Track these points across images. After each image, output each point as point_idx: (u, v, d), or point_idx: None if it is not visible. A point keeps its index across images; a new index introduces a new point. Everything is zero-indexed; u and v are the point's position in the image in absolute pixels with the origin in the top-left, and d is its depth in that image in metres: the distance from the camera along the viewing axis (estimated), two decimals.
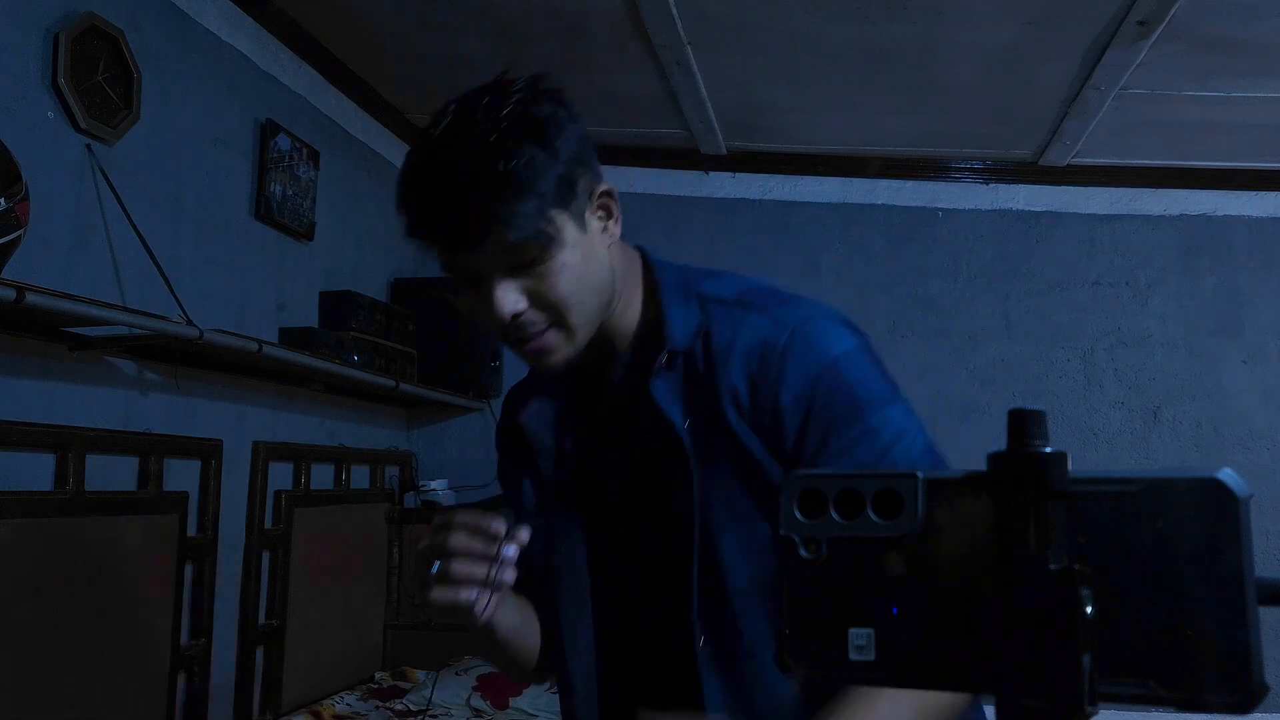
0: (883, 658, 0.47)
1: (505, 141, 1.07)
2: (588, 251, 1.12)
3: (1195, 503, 0.43)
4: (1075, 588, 0.42)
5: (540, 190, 1.06)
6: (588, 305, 1.12)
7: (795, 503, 0.49)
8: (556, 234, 1.08)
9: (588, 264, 1.11)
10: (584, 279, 1.11)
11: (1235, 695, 0.41)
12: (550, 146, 1.08)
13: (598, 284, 1.13)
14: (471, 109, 1.13)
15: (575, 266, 1.10)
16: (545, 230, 1.07)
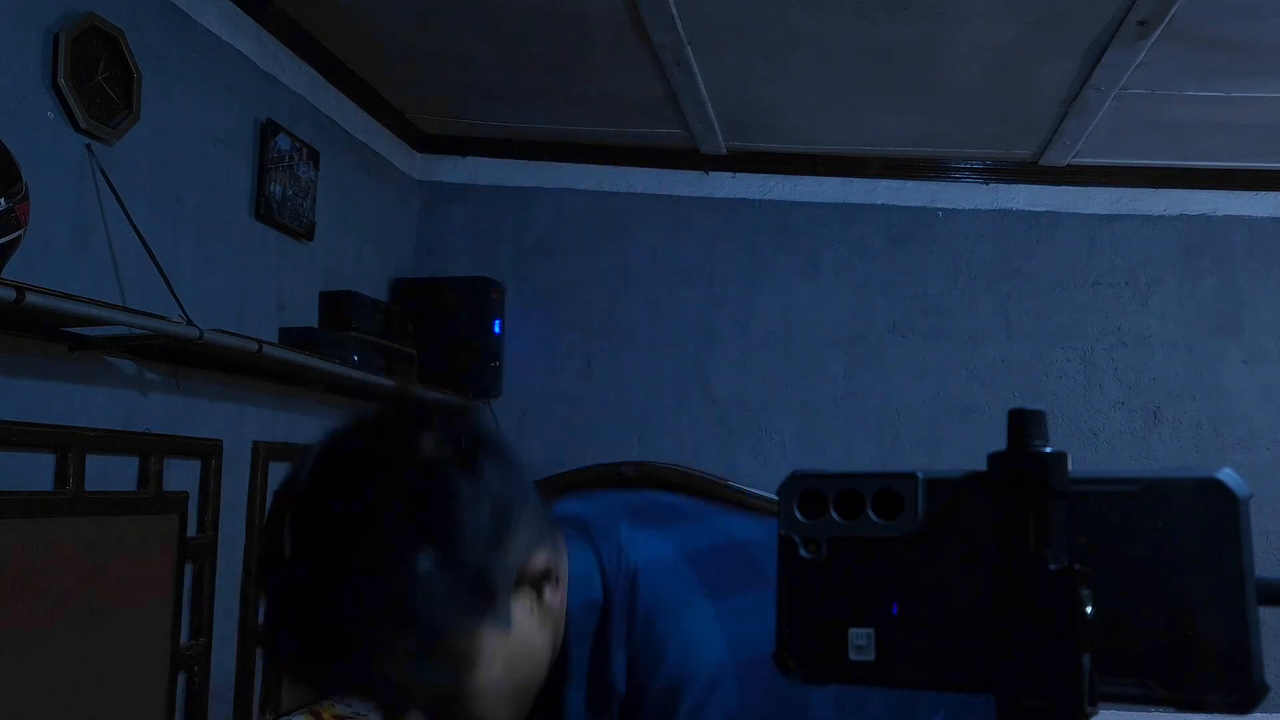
0: (883, 658, 0.47)
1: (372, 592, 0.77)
2: (514, 655, 0.85)
3: (1195, 503, 0.43)
4: (1075, 588, 0.42)
5: (432, 633, 0.79)
6: (512, 709, 0.88)
7: (795, 503, 0.49)
8: (465, 654, 0.82)
9: (514, 669, 0.86)
10: (505, 688, 0.86)
11: (1235, 695, 0.41)
12: (447, 553, 0.79)
13: (528, 681, 0.88)
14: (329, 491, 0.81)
15: (495, 682, 0.84)
16: (442, 663, 0.81)
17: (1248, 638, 0.42)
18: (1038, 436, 0.45)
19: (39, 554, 1.97)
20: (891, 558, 0.48)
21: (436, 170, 3.91)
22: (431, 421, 0.84)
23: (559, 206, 3.90)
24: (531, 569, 0.86)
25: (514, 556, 0.84)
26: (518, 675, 0.86)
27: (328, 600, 0.77)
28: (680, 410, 3.80)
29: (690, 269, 3.86)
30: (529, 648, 0.87)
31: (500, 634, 0.83)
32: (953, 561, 0.46)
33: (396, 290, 3.69)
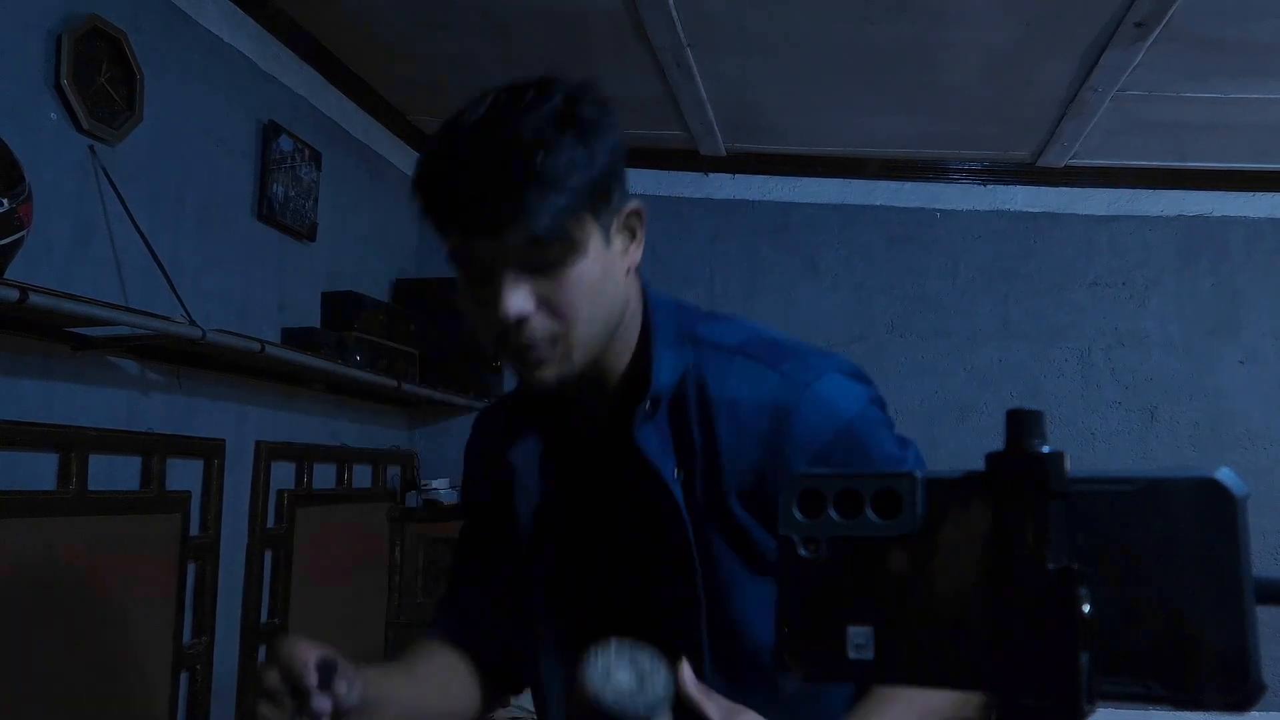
0: (882, 657, 0.47)
1: (546, 133, 0.99)
2: (607, 268, 1.05)
3: (1193, 503, 0.43)
4: (1074, 587, 0.43)
5: (574, 189, 0.99)
6: (595, 324, 1.05)
7: (795, 502, 0.50)
8: (582, 240, 1.01)
9: (605, 281, 1.04)
10: (598, 295, 1.04)
11: (1233, 694, 0.42)
12: (590, 149, 1.01)
13: (609, 304, 1.06)
14: (514, 98, 1.03)
15: (592, 280, 1.03)
16: (571, 233, 1.00)
17: (1246, 637, 0.42)
18: (1036, 436, 0.45)
19: (41, 554, 1.98)
20: (890, 557, 0.48)
21: None
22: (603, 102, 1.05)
23: None
24: (629, 210, 1.07)
25: (621, 193, 1.06)
26: (605, 290, 1.04)
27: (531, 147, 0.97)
28: None
29: (690, 269, 3.86)
30: (616, 276, 1.06)
31: (605, 243, 1.04)
32: (951, 561, 0.47)
33: (398, 290, 3.69)
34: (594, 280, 1.03)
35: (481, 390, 3.70)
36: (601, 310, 1.05)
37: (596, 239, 1.03)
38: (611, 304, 1.07)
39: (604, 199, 1.03)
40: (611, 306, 1.07)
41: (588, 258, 1.02)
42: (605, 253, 1.05)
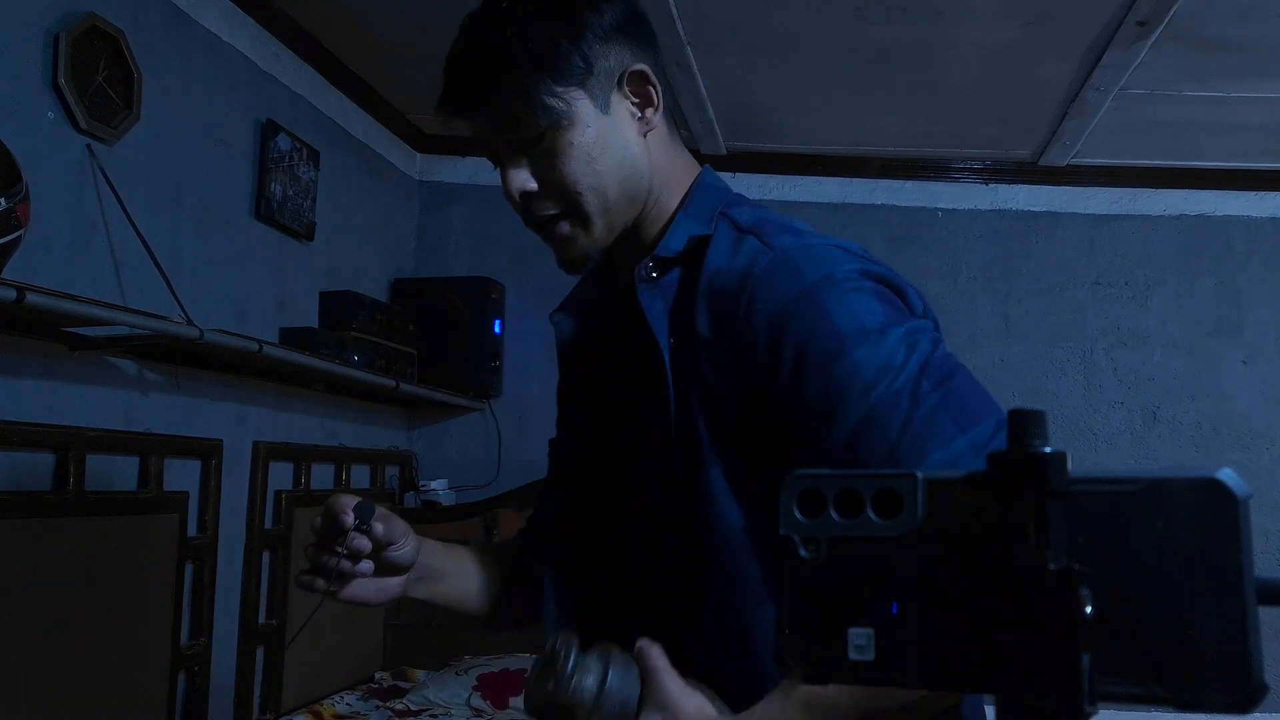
0: (883, 658, 0.47)
1: (517, 12, 1.05)
2: (607, 134, 1.05)
3: (1195, 502, 0.43)
4: (1075, 588, 0.43)
5: (543, 63, 1.02)
6: (604, 191, 1.05)
7: (795, 502, 0.49)
8: (565, 110, 1.02)
9: (606, 148, 1.04)
10: (597, 162, 1.04)
11: (1235, 695, 0.41)
12: (571, 19, 1.03)
13: (619, 170, 1.05)
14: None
15: (587, 147, 1.03)
16: (549, 105, 1.02)
17: (1247, 637, 0.42)
18: (1037, 436, 0.45)
19: (39, 554, 1.97)
20: (891, 557, 0.48)
21: (436, 170, 3.92)
22: None
23: None
24: (630, 75, 1.06)
25: (621, 58, 1.06)
26: (608, 155, 1.04)
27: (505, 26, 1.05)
28: None
29: None
30: (622, 141, 1.06)
31: (598, 112, 1.04)
32: (952, 561, 0.46)
33: (397, 290, 3.69)
34: (590, 148, 1.04)
35: (480, 390, 3.70)
36: (607, 178, 1.05)
37: (587, 107, 1.04)
38: (621, 170, 1.06)
39: (587, 67, 1.03)
40: (623, 173, 1.06)
41: (577, 127, 1.03)
42: (603, 119, 1.05)
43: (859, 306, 0.96)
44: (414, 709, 2.98)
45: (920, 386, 0.91)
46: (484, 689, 3.02)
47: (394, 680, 3.30)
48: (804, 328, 0.95)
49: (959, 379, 0.94)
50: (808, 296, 0.96)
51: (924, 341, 0.96)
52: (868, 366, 0.92)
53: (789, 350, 0.95)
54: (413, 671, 3.33)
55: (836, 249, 1.01)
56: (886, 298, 0.99)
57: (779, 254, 0.99)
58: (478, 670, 3.10)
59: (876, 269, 1.01)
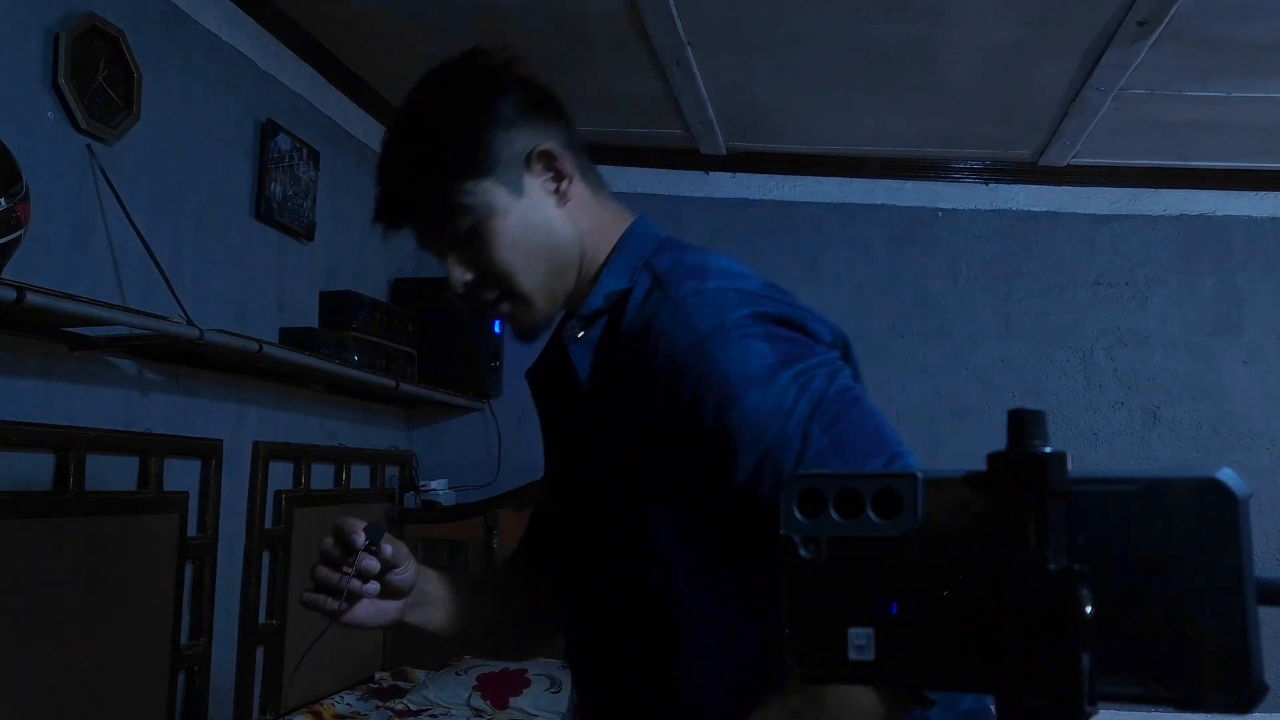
0: (883, 658, 0.47)
1: (422, 121, 1.11)
2: (527, 215, 1.10)
3: (1195, 503, 0.43)
4: (1075, 588, 0.43)
5: (452, 166, 1.08)
6: (534, 270, 1.11)
7: (795, 502, 0.49)
8: (481, 203, 1.08)
9: (528, 228, 1.10)
10: (522, 244, 1.10)
11: (1235, 695, 0.41)
12: (471, 119, 1.09)
13: (545, 246, 1.11)
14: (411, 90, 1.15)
15: (510, 233, 1.09)
16: (466, 203, 1.08)
17: (1248, 637, 0.42)
18: (1037, 436, 0.45)
19: (39, 554, 1.97)
20: (891, 557, 0.48)
21: None
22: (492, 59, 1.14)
23: None
24: (537, 152, 1.11)
25: (521, 143, 1.10)
26: (532, 235, 1.10)
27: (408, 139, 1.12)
28: None
29: None
30: (543, 218, 1.11)
31: (515, 196, 1.10)
32: (952, 561, 0.46)
33: (397, 290, 3.69)
34: (513, 233, 1.10)
35: (480, 390, 3.70)
36: (536, 256, 1.11)
37: (501, 195, 1.09)
38: (547, 246, 1.12)
39: (488, 158, 1.09)
40: (549, 248, 1.12)
41: (498, 216, 1.09)
42: (520, 202, 1.10)
43: (748, 353, 0.98)
44: (414, 709, 2.98)
45: (810, 429, 0.94)
46: (484, 689, 3.02)
47: (394, 680, 3.30)
48: (698, 378, 0.98)
49: (851, 417, 0.96)
50: (700, 347, 0.99)
51: (818, 379, 0.97)
52: (759, 412, 0.96)
53: (688, 400, 0.99)
54: (413, 671, 3.33)
55: (732, 293, 1.04)
56: (779, 338, 1.01)
57: (675, 305, 1.03)
58: (478, 670, 3.10)
59: (772, 308, 1.03)
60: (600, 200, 1.18)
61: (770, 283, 1.10)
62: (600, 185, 1.20)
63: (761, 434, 0.95)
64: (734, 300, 1.03)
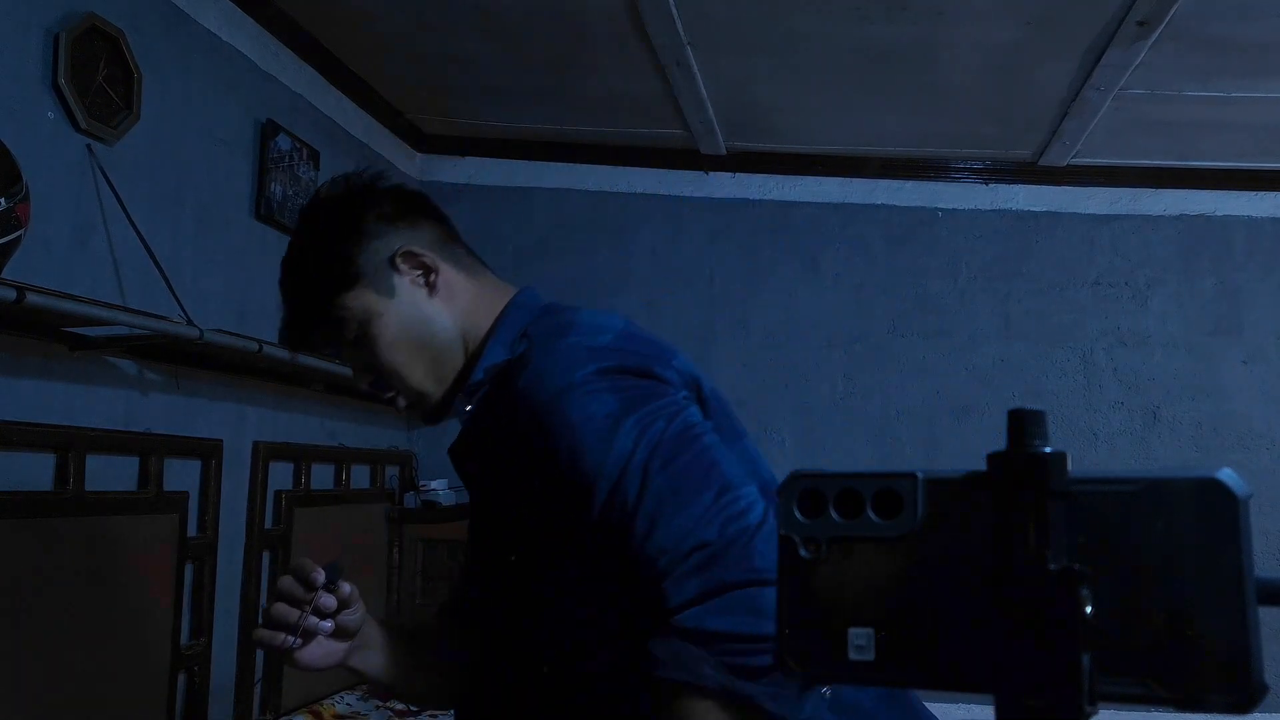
0: (883, 658, 0.47)
1: (291, 252, 1.28)
2: (401, 313, 1.20)
3: (1195, 503, 0.43)
4: (1075, 588, 0.43)
5: (325, 285, 1.21)
6: (414, 365, 1.20)
7: (795, 503, 0.49)
8: (357, 311, 1.20)
9: (403, 326, 1.20)
10: (402, 340, 1.20)
11: (1235, 695, 0.41)
12: (327, 241, 1.23)
13: (424, 338, 1.20)
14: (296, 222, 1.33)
15: (387, 332, 1.19)
16: (343, 316, 1.20)
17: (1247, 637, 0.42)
18: (1037, 436, 0.45)
19: (39, 554, 1.97)
20: (891, 558, 0.48)
21: (436, 170, 3.92)
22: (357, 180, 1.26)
23: (559, 206, 3.90)
24: (397, 255, 1.21)
25: (385, 249, 1.21)
26: (414, 334, 1.20)
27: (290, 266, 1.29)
28: None
29: (690, 269, 3.86)
30: (417, 313, 1.21)
31: (387, 298, 1.20)
32: (952, 561, 0.46)
33: None
34: (389, 334, 1.20)
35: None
36: (415, 351, 1.20)
37: (371, 300, 1.20)
38: (426, 336, 1.21)
39: (351, 270, 1.20)
40: (426, 341, 1.21)
41: (374, 320, 1.20)
42: (394, 303, 1.20)
43: (593, 407, 1.07)
44: (414, 709, 2.98)
45: (649, 469, 1.03)
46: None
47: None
48: (552, 434, 1.07)
49: (684, 457, 1.04)
50: (552, 405, 1.08)
51: (657, 423, 1.06)
52: (604, 459, 1.04)
53: (547, 454, 1.08)
54: None
55: (583, 350, 1.11)
56: (622, 389, 1.09)
57: (532, 371, 1.11)
58: None
59: (616, 361, 1.11)
60: (478, 281, 1.26)
61: (626, 331, 1.17)
62: (478, 268, 1.29)
63: (609, 478, 1.03)
64: (583, 357, 1.10)
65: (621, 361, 1.11)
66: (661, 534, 0.99)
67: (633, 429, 1.05)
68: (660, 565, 0.99)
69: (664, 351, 1.16)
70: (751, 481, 1.04)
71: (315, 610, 1.18)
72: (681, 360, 1.18)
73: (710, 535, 0.98)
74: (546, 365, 1.11)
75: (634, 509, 1.01)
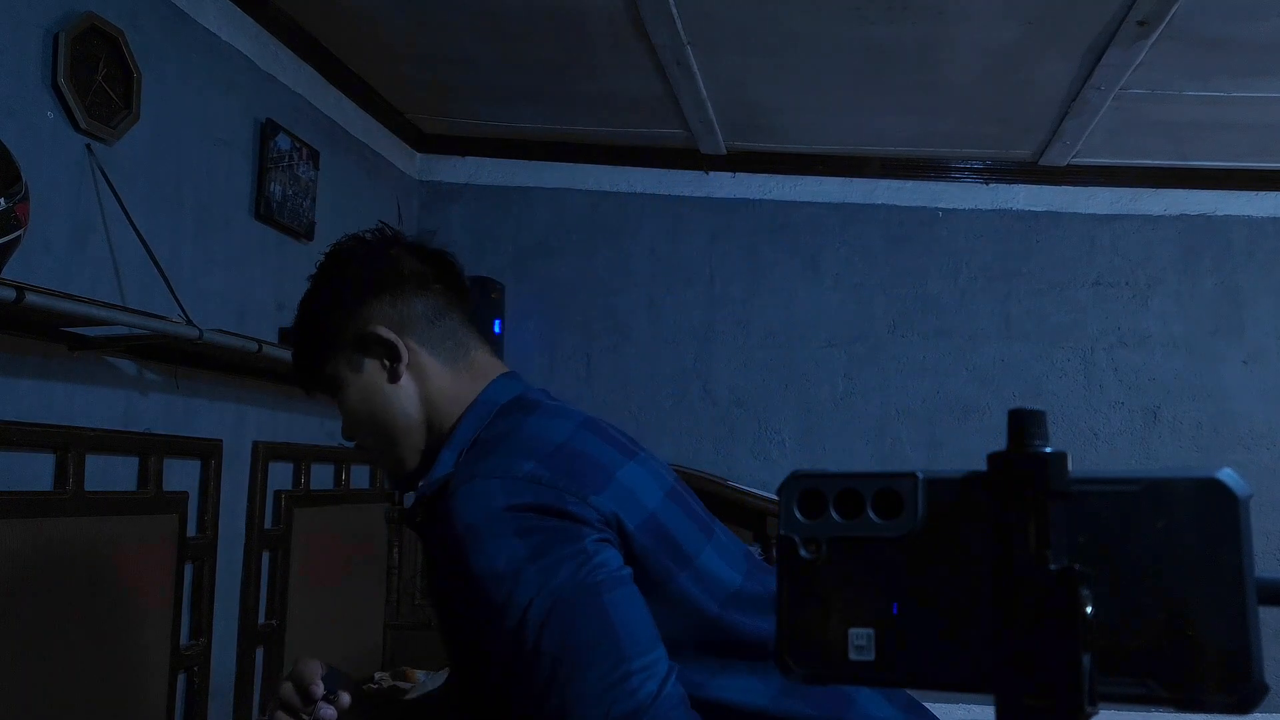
0: (883, 658, 0.47)
1: (297, 311, 1.30)
2: (366, 392, 1.23)
3: (1195, 503, 0.43)
4: (1075, 588, 0.42)
5: (305, 347, 1.26)
6: (380, 436, 1.23)
7: (795, 503, 0.49)
8: (331, 378, 1.25)
9: (368, 403, 1.23)
10: (362, 414, 1.23)
11: (1235, 695, 0.41)
12: (314, 302, 1.27)
13: (381, 419, 1.23)
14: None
15: (350, 403, 1.24)
16: (319, 380, 1.26)
17: (1248, 637, 0.42)
18: (1038, 436, 0.45)
19: (39, 554, 1.97)
20: (891, 558, 0.48)
21: (436, 170, 3.92)
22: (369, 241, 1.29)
23: (559, 206, 3.90)
24: (366, 334, 1.23)
25: (357, 324, 1.24)
26: (374, 412, 1.23)
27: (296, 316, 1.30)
28: (680, 410, 3.80)
29: (690, 269, 3.86)
30: (380, 396, 1.23)
31: (354, 372, 1.23)
32: (953, 561, 0.46)
33: None
34: (355, 405, 1.24)
35: None
36: (376, 425, 1.23)
37: (345, 371, 1.24)
38: (385, 418, 1.23)
39: (334, 338, 1.24)
40: (386, 419, 1.23)
41: (344, 390, 1.24)
42: (359, 377, 1.23)
43: (494, 552, 1.04)
44: None
45: (543, 635, 1.01)
46: None
47: (394, 680, 3.30)
48: (458, 571, 1.05)
49: (581, 620, 1.01)
50: (458, 545, 1.06)
51: (561, 571, 1.02)
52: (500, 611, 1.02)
53: (450, 593, 1.11)
54: (412, 672, 3.33)
55: (497, 483, 1.07)
56: (531, 530, 1.04)
57: (450, 501, 1.09)
58: None
59: (531, 498, 1.06)
60: (454, 369, 1.25)
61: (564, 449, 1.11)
62: (463, 348, 1.27)
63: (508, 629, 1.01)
64: (495, 492, 1.06)
65: (536, 498, 1.06)
66: (553, 705, 0.98)
67: (534, 578, 1.02)
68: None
69: (594, 478, 1.09)
70: (655, 646, 1.01)
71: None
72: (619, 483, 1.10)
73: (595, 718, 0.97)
74: (461, 498, 1.08)
75: (529, 664, 1.01)
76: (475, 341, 1.29)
